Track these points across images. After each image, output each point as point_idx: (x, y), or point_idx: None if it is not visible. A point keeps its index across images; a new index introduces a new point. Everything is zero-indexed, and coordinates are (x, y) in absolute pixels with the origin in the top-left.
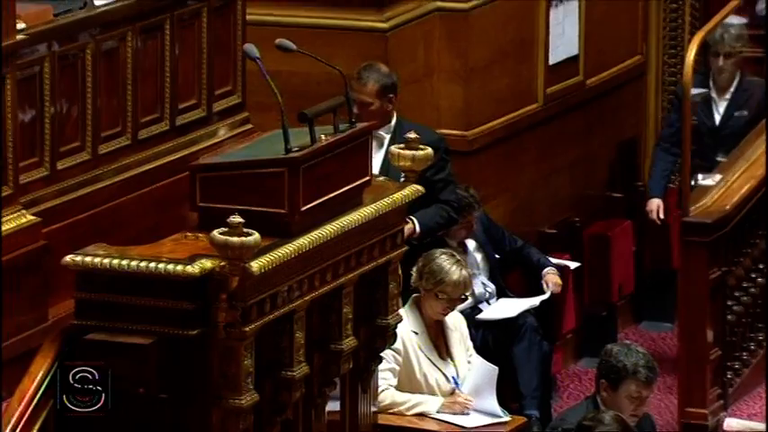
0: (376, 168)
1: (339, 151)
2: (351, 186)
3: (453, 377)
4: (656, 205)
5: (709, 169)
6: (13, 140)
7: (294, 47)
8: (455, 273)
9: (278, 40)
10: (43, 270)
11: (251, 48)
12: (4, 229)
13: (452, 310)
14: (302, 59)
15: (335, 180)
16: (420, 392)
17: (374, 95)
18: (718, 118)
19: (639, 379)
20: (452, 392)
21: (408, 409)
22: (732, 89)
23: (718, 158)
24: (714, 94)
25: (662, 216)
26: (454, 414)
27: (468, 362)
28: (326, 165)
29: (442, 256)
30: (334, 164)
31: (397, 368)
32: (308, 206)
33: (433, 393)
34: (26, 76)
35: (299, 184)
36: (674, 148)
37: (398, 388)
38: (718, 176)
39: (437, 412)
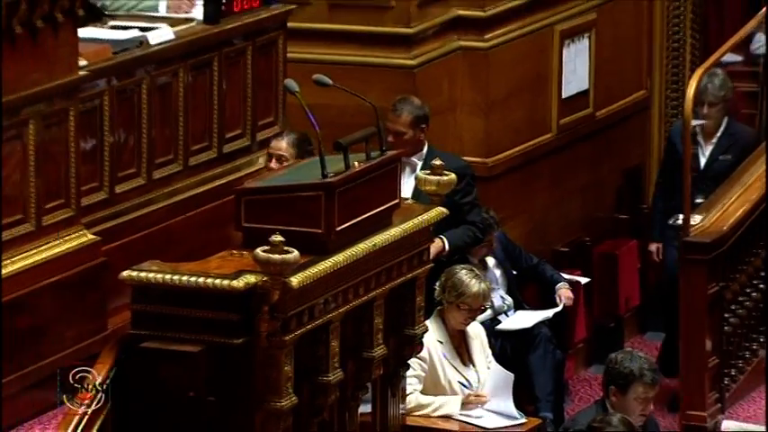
0: (409, 192)
1: (371, 177)
2: (381, 208)
3: (472, 382)
4: (655, 248)
5: (693, 209)
6: (75, 167)
7: (330, 82)
8: (475, 285)
9: (315, 76)
10: (102, 284)
11: (291, 82)
12: (66, 247)
13: (473, 320)
14: (337, 93)
15: (367, 203)
16: (444, 396)
17: (408, 126)
18: (703, 161)
19: (646, 381)
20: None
21: (434, 410)
22: (718, 134)
23: (698, 200)
24: (700, 139)
25: (661, 257)
26: (472, 410)
27: (488, 367)
28: (359, 189)
29: (463, 271)
30: (366, 188)
31: (423, 374)
32: (343, 226)
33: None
34: (87, 109)
35: (334, 206)
36: (666, 191)
37: (424, 392)
38: (698, 217)
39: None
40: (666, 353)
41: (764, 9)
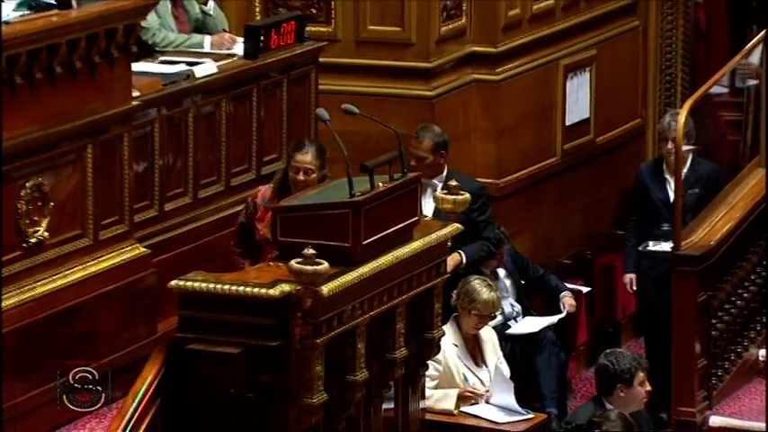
0: (430, 211)
1: (393, 196)
2: (403, 225)
3: (484, 381)
4: (629, 279)
5: (661, 237)
6: (129, 187)
7: (357, 111)
8: (485, 293)
9: (344, 105)
10: (153, 292)
11: (322, 111)
12: (120, 259)
13: (484, 325)
14: (364, 121)
15: (390, 219)
16: (443, 389)
17: (429, 151)
18: (671, 195)
19: (644, 366)
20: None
21: (434, 402)
22: (685, 170)
23: (664, 228)
24: (667, 175)
25: (635, 288)
26: (471, 405)
27: (499, 369)
28: (383, 207)
29: (476, 281)
30: (389, 206)
31: (436, 374)
32: (368, 241)
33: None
34: (140, 135)
35: (360, 222)
36: (639, 228)
37: (442, 388)
38: (666, 245)
39: (455, 407)
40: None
41: (747, 48)
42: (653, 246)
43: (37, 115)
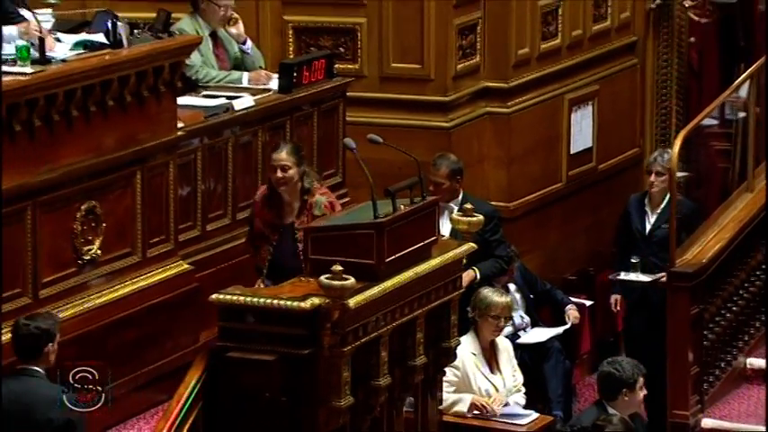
0: (447, 231)
1: (414, 218)
2: (422, 244)
3: (498, 387)
4: (614, 299)
5: (631, 267)
6: (174, 209)
7: (381, 140)
8: (499, 297)
9: (369, 135)
10: (195, 305)
11: (349, 141)
12: (166, 275)
13: (501, 331)
14: (387, 149)
15: (411, 239)
16: (459, 394)
17: (446, 177)
18: (648, 227)
19: (643, 372)
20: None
21: (449, 406)
22: (663, 205)
23: (633, 259)
24: (648, 208)
25: (619, 308)
26: (482, 415)
27: (513, 376)
28: (404, 228)
29: (487, 289)
30: (410, 227)
31: (455, 379)
32: (391, 258)
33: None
34: (184, 162)
35: (384, 242)
36: (622, 255)
37: (459, 393)
38: (635, 275)
39: (468, 411)
40: None
41: (735, 83)
42: (624, 275)
43: (91, 144)
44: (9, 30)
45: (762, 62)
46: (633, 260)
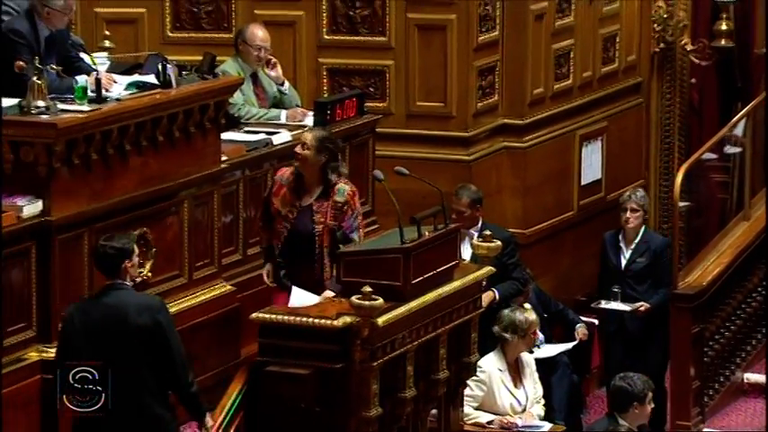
0: (468, 255)
1: (437, 243)
2: (445, 267)
3: (521, 400)
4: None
5: (611, 297)
6: (218, 235)
7: (407, 172)
8: (533, 316)
9: (396, 168)
10: (237, 323)
11: (378, 173)
12: (210, 295)
13: (531, 346)
14: (413, 181)
15: (435, 263)
16: (498, 412)
17: (467, 206)
18: (623, 262)
19: (651, 387)
20: (523, 410)
21: (470, 419)
22: (637, 240)
23: (614, 289)
24: (622, 244)
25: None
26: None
27: (534, 388)
28: (429, 252)
29: (516, 312)
30: (434, 252)
31: (480, 394)
32: (416, 280)
33: (505, 413)
34: (227, 192)
35: (410, 265)
36: (602, 286)
37: (482, 407)
38: (614, 305)
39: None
40: None
41: (733, 121)
42: (604, 304)
43: (143, 176)
44: (81, 77)
45: (757, 101)
46: (614, 289)
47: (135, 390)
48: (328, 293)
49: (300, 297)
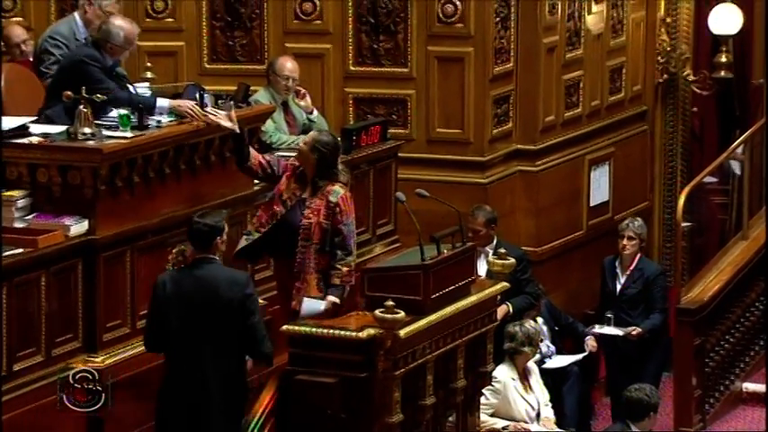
0: (483, 271)
1: (455, 260)
2: (463, 283)
3: (533, 404)
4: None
5: (605, 321)
6: None
7: (427, 194)
8: (536, 327)
9: (417, 190)
10: (268, 334)
11: (400, 195)
12: None
13: (536, 353)
14: (432, 202)
15: (453, 279)
16: (514, 417)
17: (482, 225)
18: (618, 287)
19: (660, 398)
20: (537, 414)
21: (486, 427)
22: (632, 267)
23: (608, 314)
24: (618, 270)
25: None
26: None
27: (543, 392)
28: (447, 269)
29: (527, 326)
30: (452, 269)
31: (495, 401)
32: (436, 295)
33: (522, 418)
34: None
35: (430, 281)
36: (601, 310)
37: (497, 414)
38: (608, 329)
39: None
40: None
41: (732, 147)
42: (598, 328)
43: (181, 197)
44: (161, 102)
45: (754, 129)
46: (608, 315)
47: (221, 356)
48: (332, 299)
49: (310, 305)
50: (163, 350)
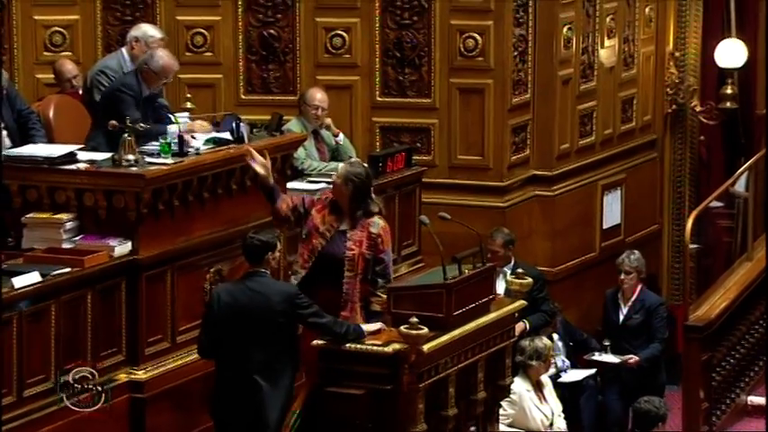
0: (501, 290)
1: (476, 280)
2: (483, 301)
3: (547, 414)
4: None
5: (606, 349)
6: (282, 272)
7: (449, 217)
8: (546, 343)
9: (440, 213)
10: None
11: (423, 218)
12: None
13: (549, 367)
14: (454, 224)
15: (473, 297)
16: (530, 428)
17: (500, 247)
18: (621, 317)
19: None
20: (551, 424)
21: None
22: (633, 298)
23: (605, 342)
24: (620, 301)
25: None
26: None
27: (556, 403)
28: (468, 288)
29: (536, 341)
30: (473, 287)
31: (512, 412)
32: (457, 312)
33: (537, 427)
34: (291, 234)
35: (452, 299)
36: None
37: (515, 424)
38: (606, 357)
39: None
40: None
41: (737, 173)
42: (597, 356)
43: (219, 220)
44: (171, 128)
45: (758, 156)
46: (605, 343)
47: (270, 362)
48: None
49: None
50: (215, 357)
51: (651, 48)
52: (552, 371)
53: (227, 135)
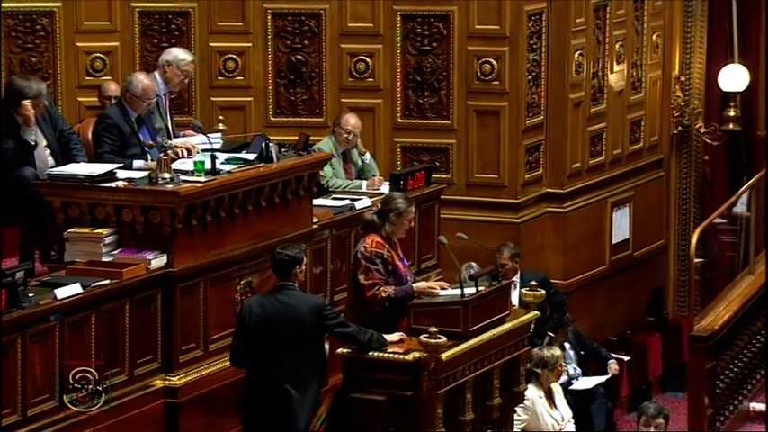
0: (515, 299)
1: (492, 296)
2: (498, 317)
3: (557, 419)
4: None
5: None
6: (310, 284)
7: (466, 237)
8: (556, 351)
9: (458, 234)
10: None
11: (442, 238)
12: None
13: (560, 376)
14: (470, 242)
15: (490, 312)
16: (541, 430)
17: (508, 260)
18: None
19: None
20: (561, 429)
21: None
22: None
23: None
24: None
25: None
26: None
27: (566, 409)
28: (485, 303)
29: (543, 351)
30: (488, 303)
31: (525, 417)
32: (474, 327)
33: (549, 430)
34: (317, 248)
35: (469, 314)
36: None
37: (529, 428)
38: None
39: None
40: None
41: (740, 191)
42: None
43: (249, 234)
44: (136, 164)
45: (759, 175)
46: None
47: (299, 369)
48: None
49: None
50: (246, 365)
51: (658, 72)
52: (564, 378)
53: (249, 156)
